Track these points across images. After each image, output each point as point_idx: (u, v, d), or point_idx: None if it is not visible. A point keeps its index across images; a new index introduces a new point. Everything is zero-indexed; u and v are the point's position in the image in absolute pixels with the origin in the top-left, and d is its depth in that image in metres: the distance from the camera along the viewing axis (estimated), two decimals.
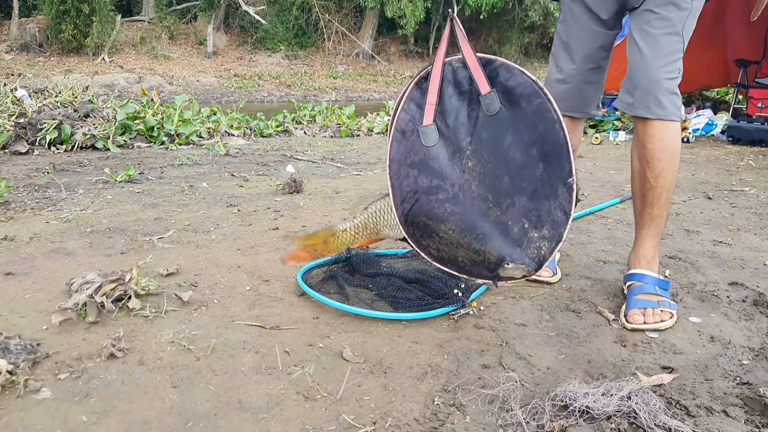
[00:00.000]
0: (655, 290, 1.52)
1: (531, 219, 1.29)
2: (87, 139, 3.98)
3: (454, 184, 1.32)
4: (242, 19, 18.24)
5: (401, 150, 1.35)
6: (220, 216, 2.38)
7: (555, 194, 1.28)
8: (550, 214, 1.28)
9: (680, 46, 1.47)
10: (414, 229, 1.36)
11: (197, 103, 5.34)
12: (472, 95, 1.34)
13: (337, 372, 1.21)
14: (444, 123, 1.34)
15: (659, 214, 1.57)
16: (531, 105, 1.29)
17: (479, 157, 1.31)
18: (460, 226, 1.32)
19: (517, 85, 1.30)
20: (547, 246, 1.29)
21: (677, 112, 1.49)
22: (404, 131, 1.35)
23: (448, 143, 1.34)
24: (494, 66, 1.33)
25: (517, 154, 1.29)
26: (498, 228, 1.31)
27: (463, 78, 1.35)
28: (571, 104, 1.73)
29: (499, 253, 1.30)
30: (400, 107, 1.36)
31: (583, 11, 1.64)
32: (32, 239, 1.98)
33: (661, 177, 1.53)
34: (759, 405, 1.12)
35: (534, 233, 1.29)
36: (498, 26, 19.50)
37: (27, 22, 15.56)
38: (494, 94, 1.31)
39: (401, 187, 1.35)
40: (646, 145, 1.52)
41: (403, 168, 1.35)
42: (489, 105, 1.31)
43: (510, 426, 1.05)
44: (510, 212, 1.30)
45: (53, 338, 1.29)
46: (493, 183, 1.31)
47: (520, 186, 1.29)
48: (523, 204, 1.29)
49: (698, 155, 4.47)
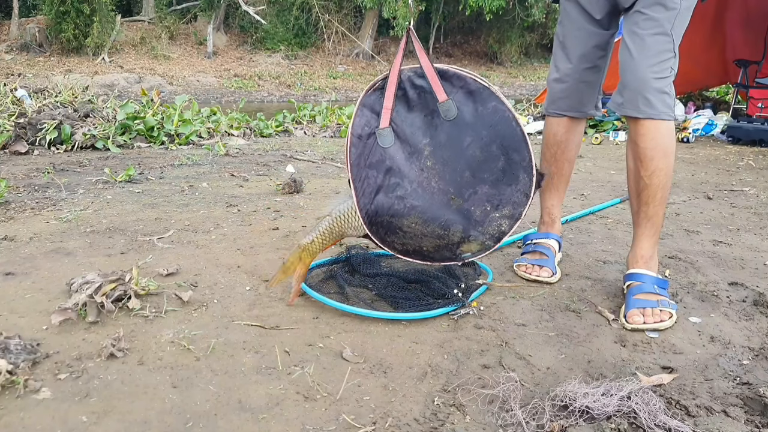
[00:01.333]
0: (654, 289, 1.52)
1: (493, 202, 1.41)
2: (87, 139, 3.98)
3: (413, 181, 1.41)
4: (242, 19, 18.24)
5: (358, 153, 1.43)
6: (220, 216, 2.38)
7: (516, 180, 1.40)
8: (511, 197, 1.40)
9: (670, 45, 1.48)
10: (378, 228, 1.44)
11: (197, 103, 5.33)
12: (426, 101, 1.44)
13: (337, 372, 1.21)
14: (400, 126, 1.44)
15: (655, 212, 1.57)
16: (487, 108, 1.40)
17: (438, 157, 1.41)
18: (422, 218, 1.41)
19: (472, 91, 1.41)
20: (507, 223, 1.42)
21: (668, 111, 1.50)
22: (360, 135, 1.44)
23: (404, 145, 1.44)
24: (449, 75, 1.43)
25: (477, 152, 1.41)
26: (461, 214, 1.42)
27: (418, 86, 1.45)
28: (569, 104, 1.75)
29: (461, 234, 1.41)
30: (354, 114, 1.44)
31: (578, 11, 1.67)
32: (32, 239, 1.98)
33: (655, 176, 1.53)
34: (759, 405, 1.12)
35: (495, 213, 1.41)
36: (498, 26, 19.48)
37: (27, 22, 15.55)
38: (451, 102, 1.41)
39: (363, 188, 1.43)
40: (639, 144, 1.53)
41: (362, 170, 1.43)
42: (446, 111, 1.42)
43: (510, 426, 1.05)
44: (472, 199, 1.41)
45: (53, 338, 1.29)
46: (454, 178, 1.41)
47: (482, 177, 1.41)
48: (486, 191, 1.41)
49: (698, 155, 4.47)
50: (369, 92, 1.47)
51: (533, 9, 18.07)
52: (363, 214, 1.42)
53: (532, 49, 21.64)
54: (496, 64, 20.68)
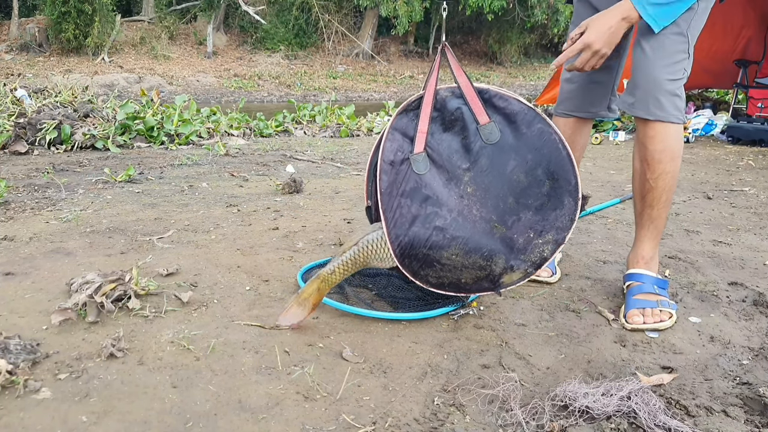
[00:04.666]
0: (653, 290, 1.52)
1: (536, 229, 1.32)
2: (87, 139, 3.98)
3: (452, 209, 1.31)
4: (242, 19, 18.24)
5: (390, 181, 1.33)
6: (219, 216, 2.38)
7: (562, 205, 1.32)
8: (555, 222, 1.32)
9: (685, 47, 1.45)
10: (411, 261, 1.33)
11: (196, 103, 5.33)
12: (464, 123, 1.35)
13: (337, 372, 1.21)
14: (436, 151, 1.35)
15: (659, 215, 1.57)
16: (532, 130, 1.32)
17: (479, 183, 1.32)
18: (463, 249, 1.31)
19: (515, 112, 1.33)
20: (549, 248, 1.33)
21: (678, 114, 1.48)
22: (392, 162, 1.33)
23: (441, 171, 1.34)
24: (489, 95, 1.35)
25: (522, 177, 1.32)
26: (503, 243, 1.32)
27: (455, 107, 1.35)
28: (577, 104, 1.73)
29: (504, 264, 1.32)
30: (384, 138, 1.34)
31: (589, 12, 1.65)
32: (32, 239, 1.98)
33: (661, 179, 1.52)
34: (759, 405, 1.12)
35: (538, 240, 1.32)
36: (498, 26, 19.48)
37: (27, 22, 15.55)
38: (493, 125, 1.33)
39: (395, 219, 1.31)
40: (647, 147, 1.52)
41: (395, 199, 1.32)
42: (489, 135, 1.33)
43: (510, 426, 1.05)
44: (516, 227, 1.32)
45: (53, 338, 1.29)
46: (497, 204, 1.32)
47: (526, 203, 1.32)
48: (529, 217, 1.32)
49: (698, 155, 4.47)
50: (401, 114, 1.36)
51: (535, 9, 18.04)
52: (395, 247, 1.31)
53: (532, 49, 21.64)
54: (495, 64, 20.68)
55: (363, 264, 1.36)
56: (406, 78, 18.25)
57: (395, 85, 17.59)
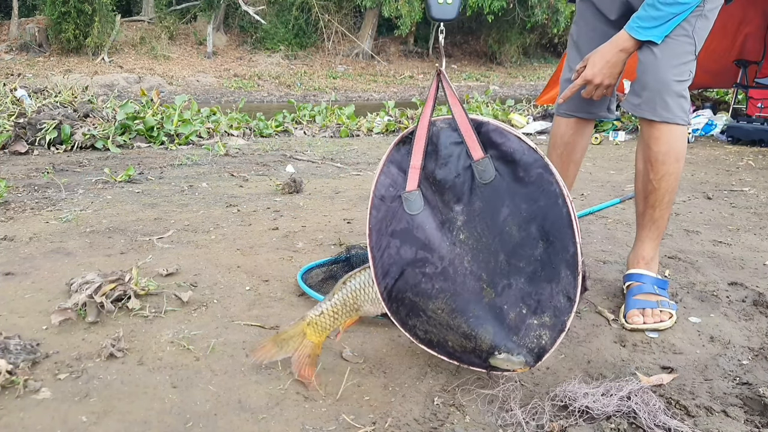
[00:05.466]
0: (653, 290, 1.52)
1: (529, 304, 1.13)
2: (87, 139, 3.98)
3: (443, 257, 1.16)
4: (242, 19, 18.24)
5: (380, 217, 1.19)
6: (219, 216, 2.38)
7: (557, 277, 1.12)
8: (551, 299, 1.12)
9: (692, 48, 1.45)
10: (399, 306, 1.19)
11: (196, 103, 5.34)
12: (460, 159, 1.19)
13: (337, 372, 1.21)
14: (430, 189, 1.20)
15: (661, 216, 1.57)
16: (530, 175, 1.14)
17: (471, 230, 1.17)
18: (450, 306, 1.16)
19: (513, 151, 1.15)
20: (548, 335, 1.13)
21: (684, 116, 1.48)
22: (383, 197, 1.20)
23: (435, 212, 1.19)
24: (486, 129, 1.18)
25: (514, 230, 1.14)
26: (492, 312, 1.15)
27: (450, 140, 1.20)
28: (577, 104, 1.73)
29: (491, 341, 1.14)
30: (379, 170, 1.21)
31: (592, 11, 1.66)
32: (32, 239, 1.98)
33: (664, 180, 1.52)
34: (759, 405, 1.12)
35: (533, 320, 1.13)
36: (498, 26, 19.47)
37: (27, 22, 15.55)
38: (488, 161, 1.16)
39: (382, 258, 1.18)
40: (651, 148, 1.51)
41: (384, 238, 1.19)
42: (482, 172, 1.16)
43: (510, 426, 1.05)
44: (506, 295, 1.14)
45: (53, 338, 1.29)
46: (488, 260, 1.15)
47: (518, 266, 1.14)
48: (521, 287, 1.14)
49: (698, 155, 4.47)
50: (398, 145, 1.22)
51: (536, 9, 18.03)
52: (382, 288, 1.19)
53: (532, 49, 21.63)
54: (495, 64, 20.68)
55: (354, 307, 1.22)
56: (406, 78, 18.25)
57: (395, 85, 17.59)
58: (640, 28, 1.44)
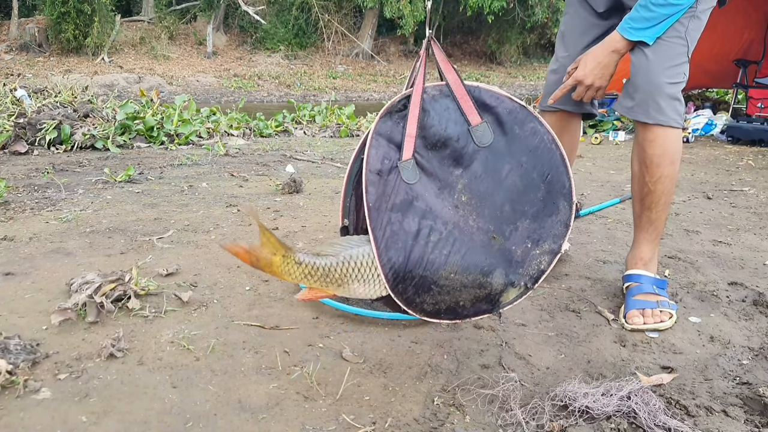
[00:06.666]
0: (653, 290, 1.52)
1: (533, 238, 1.22)
2: (86, 139, 3.97)
3: (447, 222, 1.18)
4: (242, 19, 18.24)
5: (378, 193, 1.17)
6: (219, 216, 2.38)
7: (557, 210, 1.23)
8: (552, 229, 1.23)
9: (685, 50, 1.45)
10: (407, 286, 1.17)
11: (195, 103, 5.33)
12: (455, 125, 1.22)
13: (337, 372, 1.21)
14: (425, 157, 1.21)
15: (657, 217, 1.57)
16: (525, 130, 1.22)
17: (474, 191, 1.21)
18: (462, 266, 1.18)
19: (507, 111, 1.22)
20: (546, 260, 1.23)
21: (678, 119, 1.48)
22: (380, 171, 1.18)
23: (433, 178, 1.20)
24: (479, 93, 1.22)
25: (518, 180, 1.22)
26: (502, 255, 1.21)
27: (443, 107, 1.23)
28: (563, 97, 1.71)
29: (503, 280, 1.20)
30: (368, 144, 1.18)
31: (580, 3, 1.68)
32: (32, 239, 1.98)
33: (660, 182, 1.52)
34: (759, 405, 1.12)
35: (536, 250, 1.23)
36: (498, 26, 19.47)
37: (27, 22, 15.55)
38: (485, 125, 1.21)
39: (386, 238, 1.15)
40: (646, 150, 1.51)
41: (384, 214, 1.16)
42: (481, 136, 1.21)
43: (510, 426, 1.05)
44: (513, 237, 1.21)
45: (53, 338, 1.29)
46: (494, 213, 1.21)
47: (523, 210, 1.22)
48: (527, 226, 1.22)
49: (698, 155, 4.47)
50: (384, 117, 1.22)
51: (536, 9, 18.02)
52: (387, 271, 1.14)
53: (532, 49, 21.63)
54: (495, 64, 20.67)
55: (337, 281, 1.14)
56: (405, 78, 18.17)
57: (395, 85, 17.58)
58: (632, 29, 1.43)
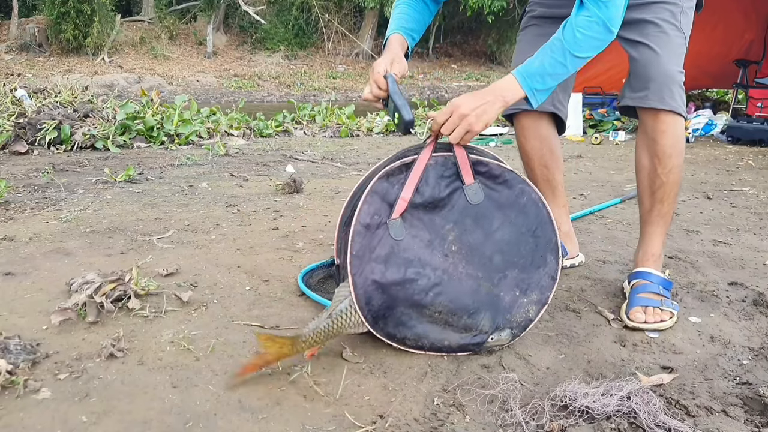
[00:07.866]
0: (659, 290, 1.52)
1: (521, 287, 1.32)
2: (87, 139, 3.98)
3: (437, 268, 1.28)
4: (242, 19, 18.23)
5: (364, 244, 1.26)
6: (219, 216, 2.38)
7: (545, 263, 1.34)
8: (539, 280, 1.33)
9: (683, 41, 1.50)
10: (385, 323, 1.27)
11: (196, 103, 5.33)
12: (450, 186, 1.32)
13: (337, 372, 1.21)
14: (415, 216, 1.30)
15: (668, 210, 1.58)
16: (513, 190, 1.34)
17: (464, 242, 1.31)
18: (448, 307, 1.28)
19: (496, 175, 1.34)
20: (534, 309, 1.33)
21: (684, 106, 1.51)
22: (368, 225, 1.27)
23: (422, 232, 1.29)
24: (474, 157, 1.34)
25: (507, 235, 1.32)
26: (489, 299, 1.30)
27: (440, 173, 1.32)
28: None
29: (490, 324, 1.29)
30: (362, 200, 1.28)
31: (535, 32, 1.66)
32: (32, 239, 1.98)
33: (672, 173, 1.54)
34: (759, 405, 1.12)
35: (524, 299, 1.32)
36: (498, 26, 19.47)
37: (27, 22, 15.55)
38: (477, 185, 1.32)
39: (365, 285, 1.25)
40: (658, 142, 1.52)
41: (366, 264, 1.25)
42: (473, 195, 1.32)
43: (510, 426, 1.05)
44: (502, 284, 1.31)
45: (53, 338, 1.29)
46: (483, 262, 1.31)
47: (512, 261, 1.32)
48: (515, 275, 1.32)
49: (698, 155, 4.47)
50: (382, 179, 1.31)
51: None
52: (366, 313, 1.25)
53: None
54: (495, 64, 20.67)
55: (337, 332, 1.25)
56: (405, 78, 18.23)
57: None
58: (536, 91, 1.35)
